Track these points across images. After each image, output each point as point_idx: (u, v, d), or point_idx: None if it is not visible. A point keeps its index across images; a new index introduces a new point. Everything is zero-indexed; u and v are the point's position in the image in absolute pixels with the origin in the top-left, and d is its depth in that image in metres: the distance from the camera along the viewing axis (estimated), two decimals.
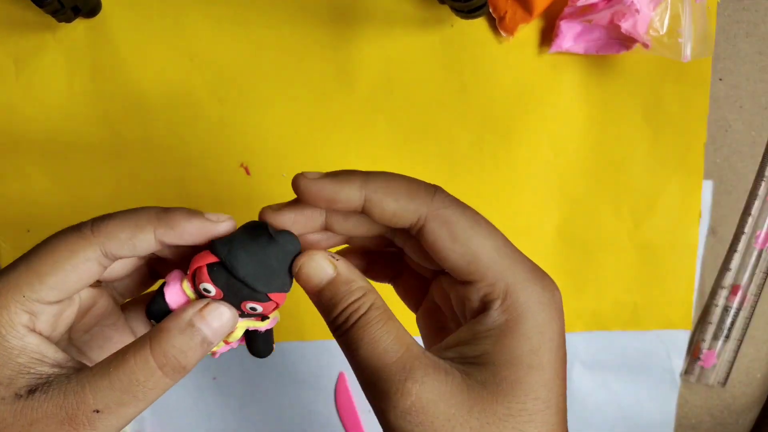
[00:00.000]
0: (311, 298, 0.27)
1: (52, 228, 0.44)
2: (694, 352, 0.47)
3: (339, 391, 0.47)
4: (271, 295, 0.27)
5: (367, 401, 0.48)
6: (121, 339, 0.30)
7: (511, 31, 0.42)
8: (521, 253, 0.26)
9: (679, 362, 0.48)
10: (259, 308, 0.27)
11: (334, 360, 0.47)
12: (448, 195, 0.26)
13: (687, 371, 0.48)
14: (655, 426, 0.48)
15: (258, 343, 0.30)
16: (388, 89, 0.43)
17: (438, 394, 0.23)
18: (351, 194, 0.25)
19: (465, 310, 0.26)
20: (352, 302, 0.25)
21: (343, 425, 0.48)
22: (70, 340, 0.29)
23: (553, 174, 0.45)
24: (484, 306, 0.25)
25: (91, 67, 0.42)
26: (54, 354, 0.25)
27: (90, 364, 0.25)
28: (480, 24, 0.42)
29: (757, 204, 0.45)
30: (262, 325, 0.29)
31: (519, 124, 0.44)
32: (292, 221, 0.26)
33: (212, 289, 0.27)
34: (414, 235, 0.26)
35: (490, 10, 0.42)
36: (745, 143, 0.45)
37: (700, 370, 0.47)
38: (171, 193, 0.44)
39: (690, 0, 0.39)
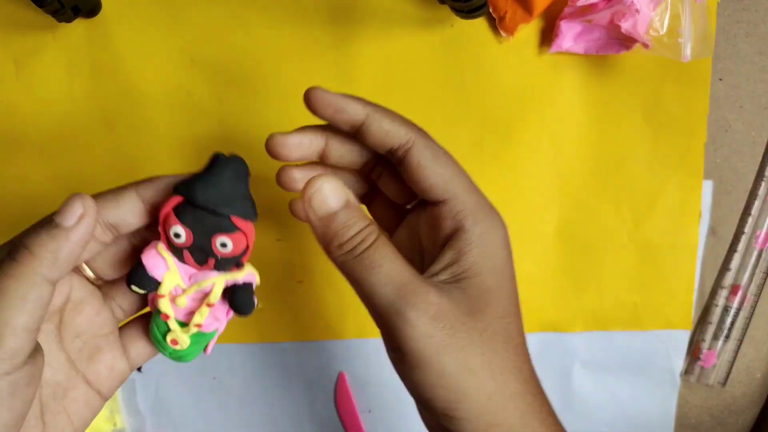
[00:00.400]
0: (320, 226, 0.28)
1: None
2: (694, 352, 0.47)
3: (339, 391, 0.47)
4: (237, 222, 0.28)
5: (366, 401, 0.48)
6: (111, 352, 0.31)
7: (511, 31, 0.42)
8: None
9: (679, 362, 0.48)
10: (229, 242, 0.28)
11: (334, 360, 0.47)
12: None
13: (687, 371, 0.48)
14: (654, 426, 0.48)
15: (238, 298, 0.30)
16: (388, 89, 0.43)
17: (449, 306, 0.27)
18: (357, 108, 0.29)
19: (438, 234, 0.29)
20: (367, 225, 0.28)
21: (343, 425, 0.48)
22: (61, 342, 0.29)
23: (553, 174, 0.45)
24: (459, 223, 0.28)
25: (91, 67, 0.42)
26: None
27: (77, 374, 0.29)
28: (480, 24, 0.42)
29: (757, 204, 0.45)
30: (239, 275, 0.29)
31: (519, 124, 0.44)
32: (298, 142, 0.30)
33: (182, 231, 0.28)
34: (400, 156, 0.29)
35: (490, 10, 0.42)
36: (745, 143, 0.45)
37: (700, 370, 0.47)
38: None
39: (690, 0, 0.39)
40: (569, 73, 0.43)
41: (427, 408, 0.28)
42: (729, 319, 0.46)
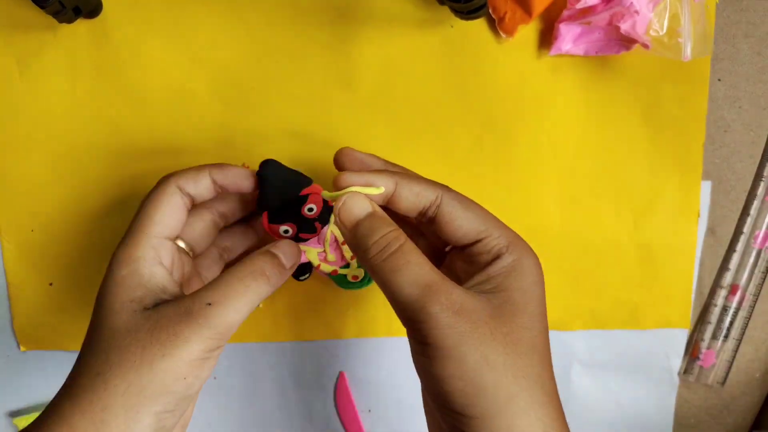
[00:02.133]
0: (348, 233, 0.32)
1: (55, 227, 0.45)
2: (693, 351, 0.48)
3: (339, 391, 0.47)
4: (304, 192, 0.38)
5: (366, 401, 0.48)
6: (198, 286, 0.37)
7: (510, 32, 0.42)
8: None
9: (677, 362, 0.48)
10: (313, 207, 0.38)
11: (334, 360, 0.47)
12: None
13: (686, 371, 0.48)
14: (653, 425, 0.48)
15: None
16: (388, 90, 0.43)
17: (474, 306, 0.29)
18: (386, 181, 0.32)
19: (474, 268, 0.32)
20: (389, 232, 0.30)
21: (343, 425, 0.48)
22: None
23: (553, 174, 0.45)
24: (495, 255, 0.31)
25: (93, 67, 0.42)
26: (173, 286, 0.33)
27: None
28: (480, 25, 0.42)
29: (755, 204, 0.46)
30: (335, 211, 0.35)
31: (519, 124, 0.44)
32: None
33: (288, 228, 0.38)
34: (431, 213, 0.32)
35: (490, 11, 0.42)
36: (744, 143, 0.45)
37: (699, 369, 0.47)
38: None
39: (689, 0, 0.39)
40: (568, 73, 0.43)
41: (445, 407, 0.29)
42: (728, 319, 0.47)
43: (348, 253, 0.41)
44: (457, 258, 0.34)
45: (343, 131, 0.43)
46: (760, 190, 0.45)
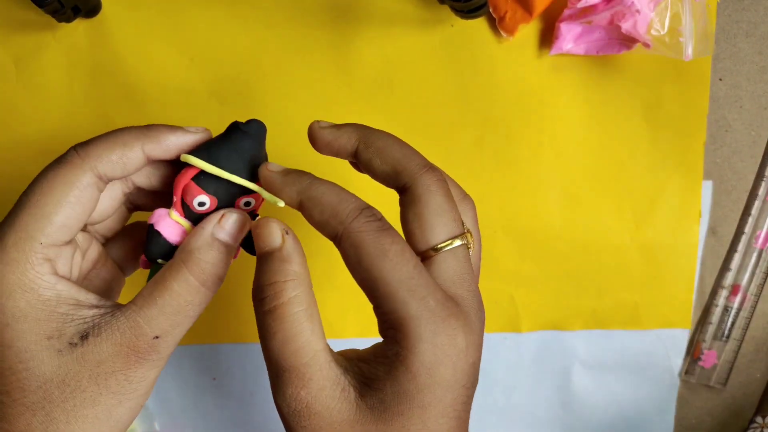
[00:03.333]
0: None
1: None
2: (694, 352, 0.47)
3: None
4: (260, 184, 0.29)
5: None
6: (114, 277, 0.32)
7: (511, 32, 0.42)
8: (434, 285, 0.25)
9: (678, 362, 0.48)
10: (252, 200, 0.30)
11: None
12: (370, 215, 0.26)
13: (687, 371, 0.48)
14: (654, 426, 0.48)
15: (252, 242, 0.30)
16: (388, 89, 0.43)
17: (326, 409, 0.25)
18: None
19: (378, 321, 0.26)
20: (278, 281, 0.26)
21: None
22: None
23: (554, 174, 0.45)
24: (384, 332, 0.26)
25: (92, 66, 0.42)
26: (86, 296, 0.26)
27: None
28: (480, 24, 0.42)
29: (757, 204, 0.45)
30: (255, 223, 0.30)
31: (519, 124, 0.44)
32: (329, 140, 0.29)
33: (206, 200, 0.28)
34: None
35: (490, 10, 0.42)
36: (745, 143, 0.45)
37: (700, 370, 0.47)
38: None
39: None
40: (569, 73, 0.43)
41: None
42: (729, 320, 0.46)
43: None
44: None
45: None
46: (762, 190, 0.45)
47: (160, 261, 0.29)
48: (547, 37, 0.43)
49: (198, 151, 0.28)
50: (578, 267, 0.46)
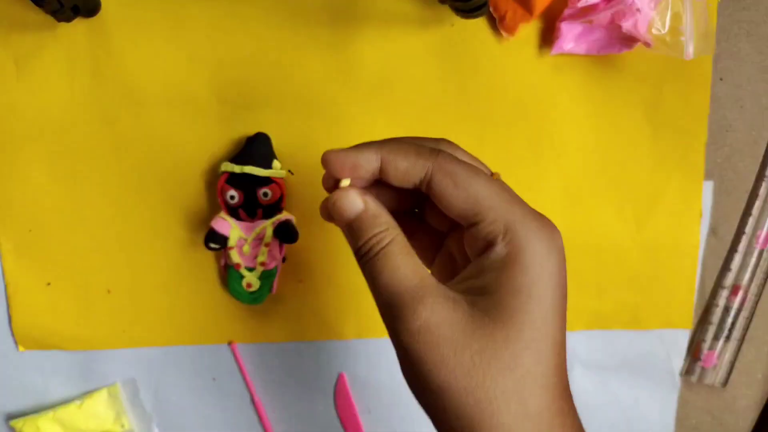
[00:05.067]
0: (342, 230, 0.30)
1: (53, 227, 0.45)
2: (694, 352, 0.47)
3: (339, 391, 0.47)
4: (272, 176, 0.41)
5: (366, 402, 0.49)
6: None
7: (511, 31, 0.42)
8: (520, 198, 0.29)
9: (679, 362, 0.48)
10: (269, 192, 0.41)
11: (334, 360, 0.47)
12: (450, 153, 0.29)
13: (687, 371, 0.48)
14: (655, 426, 0.48)
15: (284, 230, 0.42)
16: (388, 89, 0.43)
17: (444, 319, 0.26)
18: (369, 157, 0.29)
19: (473, 253, 0.29)
20: (377, 233, 0.28)
21: (343, 426, 0.48)
22: None
23: (555, 174, 0.45)
24: (489, 243, 0.28)
25: (91, 66, 0.42)
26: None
27: None
28: (480, 24, 0.42)
29: (757, 204, 0.45)
30: (281, 216, 0.42)
31: (520, 124, 0.44)
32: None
33: (235, 194, 0.41)
34: (424, 190, 0.29)
35: (491, 10, 0.42)
36: (746, 143, 0.45)
37: (700, 370, 0.47)
38: (171, 191, 0.44)
39: None
40: (570, 72, 0.43)
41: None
42: (730, 320, 0.46)
43: (262, 258, 0.42)
44: (453, 241, 0.32)
45: (343, 131, 0.43)
46: (762, 190, 0.45)
47: (211, 245, 0.41)
48: (548, 37, 0.43)
49: (228, 161, 0.41)
50: (579, 267, 0.46)
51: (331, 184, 0.30)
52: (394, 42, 0.42)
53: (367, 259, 0.28)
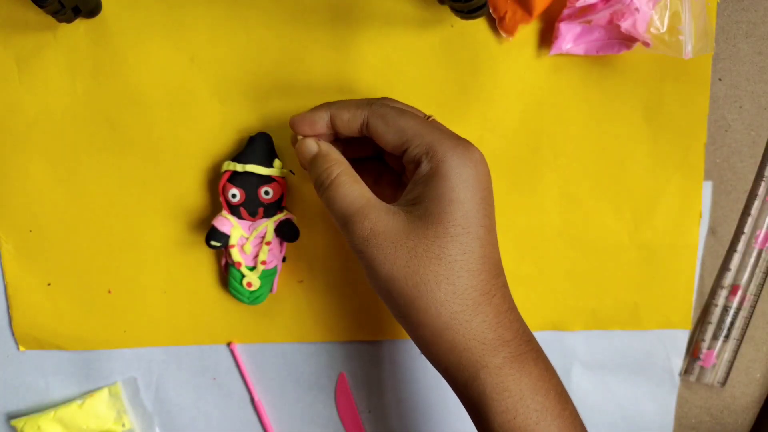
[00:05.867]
0: (307, 170, 0.37)
1: (54, 227, 0.45)
2: (693, 351, 0.48)
3: (339, 391, 0.47)
4: (273, 175, 0.42)
5: (367, 402, 0.49)
6: None
7: (511, 32, 0.42)
8: (444, 127, 0.36)
9: (678, 362, 0.48)
10: (270, 190, 0.42)
11: (334, 361, 0.47)
12: (386, 101, 0.37)
13: (686, 371, 0.48)
14: (654, 425, 0.48)
15: (285, 229, 0.42)
16: (388, 89, 0.43)
17: (385, 226, 0.33)
18: (321, 114, 0.37)
19: (410, 175, 0.35)
20: (328, 167, 0.35)
21: (343, 426, 0.48)
22: None
23: (554, 174, 0.45)
24: (417, 163, 0.34)
25: (93, 67, 0.42)
26: None
27: None
28: (480, 24, 0.42)
29: (756, 204, 0.46)
30: (282, 215, 0.43)
31: (519, 124, 0.44)
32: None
33: (236, 192, 0.41)
34: (366, 133, 0.36)
35: (490, 11, 0.42)
36: (745, 143, 0.45)
37: (699, 369, 0.47)
38: (172, 192, 0.44)
39: None
40: (569, 73, 0.43)
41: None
42: (728, 319, 0.47)
43: (263, 256, 0.42)
44: (405, 175, 0.38)
45: None
46: (761, 190, 0.45)
47: (212, 243, 0.42)
48: (547, 37, 0.43)
49: (231, 160, 0.42)
50: (578, 267, 0.46)
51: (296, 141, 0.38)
52: (394, 43, 0.42)
53: (323, 189, 0.35)
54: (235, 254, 0.42)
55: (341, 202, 0.34)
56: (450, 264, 0.32)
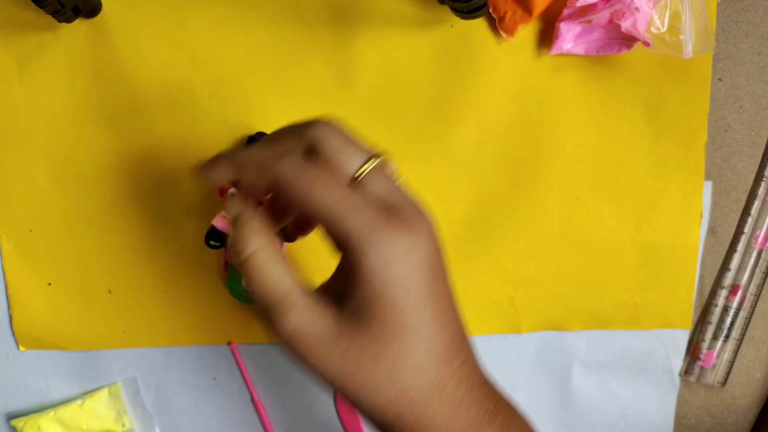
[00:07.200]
0: None
1: (54, 228, 0.45)
2: (693, 352, 0.47)
3: None
4: None
5: None
6: None
7: (511, 32, 0.42)
8: (369, 200, 0.28)
9: (678, 362, 0.48)
10: None
11: None
12: (295, 156, 0.29)
13: (686, 371, 0.48)
14: (654, 425, 0.48)
15: (286, 229, 0.38)
16: (388, 89, 0.43)
17: (312, 325, 0.28)
18: (222, 171, 0.31)
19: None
20: (244, 238, 0.29)
21: (343, 426, 0.48)
22: None
23: (554, 174, 0.45)
24: (339, 249, 0.29)
25: (93, 67, 0.42)
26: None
27: None
28: (480, 24, 0.42)
29: (756, 204, 0.46)
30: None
31: (519, 124, 0.44)
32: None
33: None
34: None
35: (490, 11, 0.42)
36: (745, 143, 0.45)
37: (699, 370, 0.47)
38: (172, 192, 0.44)
39: None
40: (569, 73, 0.43)
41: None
42: (729, 319, 0.47)
43: None
44: None
45: None
46: (761, 190, 0.45)
47: (211, 243, 0.40)
48: (547, 37, 0.43)
49: None
50: (578, 267, 0.46)
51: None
52: (394, 42, 0.42)
53: (238, 264, 0.29)
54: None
55: (258, 285, 0.29)
56: (389, 368, 0.28)
